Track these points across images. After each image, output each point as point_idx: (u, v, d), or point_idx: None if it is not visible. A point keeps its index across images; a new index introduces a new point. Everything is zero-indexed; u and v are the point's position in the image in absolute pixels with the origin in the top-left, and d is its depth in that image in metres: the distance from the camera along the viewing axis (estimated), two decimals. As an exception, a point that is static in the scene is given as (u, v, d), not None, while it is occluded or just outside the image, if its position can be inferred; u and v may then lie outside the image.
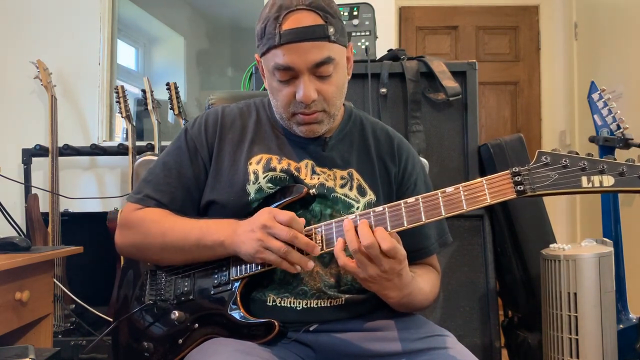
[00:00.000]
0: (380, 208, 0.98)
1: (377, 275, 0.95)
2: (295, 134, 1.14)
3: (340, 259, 0.95)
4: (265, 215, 1.00)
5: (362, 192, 1.13)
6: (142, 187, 1.16)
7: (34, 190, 2.77)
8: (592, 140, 2.06)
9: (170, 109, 2.88)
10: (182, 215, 1.12)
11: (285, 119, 1.12)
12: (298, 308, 1.06)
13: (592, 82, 2.07)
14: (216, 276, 1.08)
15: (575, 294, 1.71)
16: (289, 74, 1.05)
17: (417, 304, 1.09)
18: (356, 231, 0.94)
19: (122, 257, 2.54)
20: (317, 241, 1.00)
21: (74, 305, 2.59)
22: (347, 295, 1.09)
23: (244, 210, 1.09)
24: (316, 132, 1.11)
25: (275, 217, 0.99)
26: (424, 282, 1.10)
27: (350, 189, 1.12)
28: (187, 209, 1.14)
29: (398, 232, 0.96)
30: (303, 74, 1.04)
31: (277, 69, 1.05)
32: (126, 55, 3.64)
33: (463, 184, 0.93)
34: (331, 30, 1.03)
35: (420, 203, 0.94)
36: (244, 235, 1.01)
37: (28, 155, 2.94)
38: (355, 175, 1.14)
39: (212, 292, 1.07)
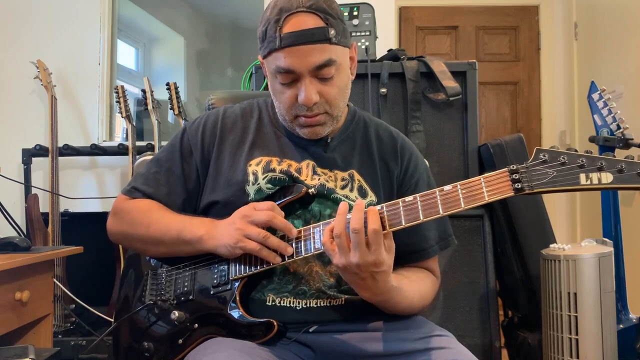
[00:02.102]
0: (378, 207, 0.97)
1: (349, 267, 0.93)
2: (298, 135, 1.14)
3: (325, 234, 0.95)
4: (244, 207, 1.03)
5: (363, 193, 1.13)
6: (134, 179, 1.20)
7: (34, 190, 2.77)
8: (592, 140, 2.06)
9: (170, 109, 2.88)
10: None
11: (288, 120, 1.12)
12: (298, 308, 1.06)
13: (592, 82, 2.07)
14: (216, 276, 1.08)
15: (575, 294, 1.71)
16: (291, 77, 1.05)
17: (399, 311, 1.08)
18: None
19: (122, 257, 2.55)
20: (316, 240, 1.00)
21: (74, 305, 2.59)
22: (347, 296, 1.09)
23: (243, 210, 1.09)
24: (319, 134, 1.11)
25: (255, 207, 1.02)
26: (412, 291, 1.08)
27: (351, 190, 1.12)
28: (171, 206, 1.16)
29: (396, 232, 0.96)
30: (304, 77, 1.04)
31: (278, 72, 1.05)
32: (126, 55, 3.64)
33: (461, 182, 0.92)
34: (332, 32, 1.03)
35: (419, 202, 0.94)
36: (224, 228, 1.03)
37: (28, 155, 2.95)
38: (357, 176, 1.14)
39: (211, 292, 1.07)
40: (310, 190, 1.08)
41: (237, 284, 1.05)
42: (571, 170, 0.86)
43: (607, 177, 0.85)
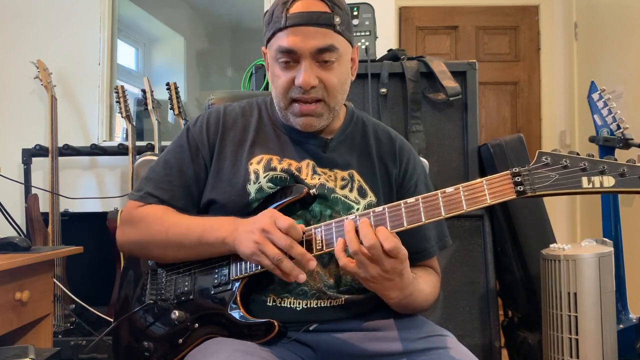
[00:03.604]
0: (380, 208, 0.97)
1: (378, 275, 0.95)
2: (292, 126, 1.13)
3: (341, 259, 0.94)
4: (266, 218, 0.99)
5: (362, 194, 1.13)
6: (143, 184, 1.16)
7: (34, 190, 2.77)
8: (592, 140, 2.06)
9: (170, 109, 2.88)
10: (184, 213, 1.12)
11: (282, 107, 1.11)
12: (298, 308, 1.06)
13: (592, 82, 2.07)
14: (216, 276, 1.08)
15: (575, 294, 1.71)
16: (291, 57, 1.06)
17: (417, 305, 1.09)
18: (357, 232, 0.94)
19: (122, 257, 2.56)
20: (317, 241, 1.00)
21: (74, 305, 2.59)
22: (346, 296, 1.09)
23: (244, 209, 1.09)
24: (314, 125, 1.10)
25: (276, 222, 0.98)
26: (424, 284, 1.10)
27: (351, 190, 1.12)
28: (187, 207, 1.14)
29: (397, 233, 0.96)
30: (305, 58, 1.05)
31: (279, 52, 1.06)
32: (126, 55, 3.64)
33: (463, 184, 0.93)
34: (337, 19, 1.05)
35: (420, 203, 0.94)
36: (244, 234, 1.00)
37: (28, 155, 2.94)
38: (356, 176, 1.14)
39: (212, 292, 1.07)
40: (311, 191, 1.07)
41: (237, 284, 1.05)
42: (573, 174, 0.87)
43: (609, 181, 0.85)
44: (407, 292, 1.02)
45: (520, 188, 0.88)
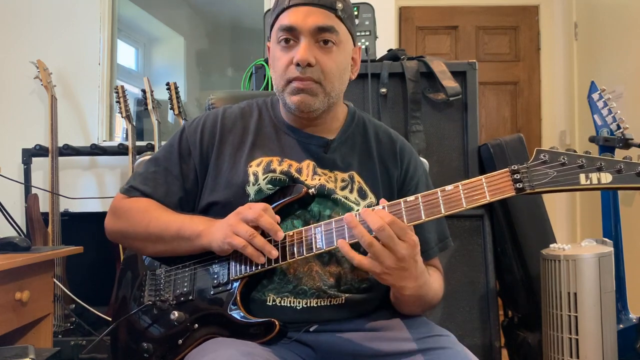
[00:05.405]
0: (379, 207, 0.97)
1: (393, 264, 0.93)
2: (289, 108, 1.12)
3: (355, 258, 0.94)
4: (241, 207, 1.03)
5: (362, 195, 1.13)
6: (132, 178, 1.21)
7: (34, 190, 2.77)
8: (592, 140, 2.06)
9: (170, 109, 2.88)
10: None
11: (280, 90, 1.11)
12: (298, 307, 1.06)
13: (592, 82, 2.07)
14: (216, 276, 1.08)
15: (575, 294, 1.71)
16: (292, 35, 1.07)
17: (429, 300, 1.08)
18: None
19: (122, 257, 2.55)
20: (317, 241, 1.00)
21: (74, 305, 2.59)
22: (347, 295, 1.09)
23: (244, 211, 1.09)
24: (308, 104, 1.08)
25: (250, 206, 1.02)
26: (431, 277, 1.09)
27: (351, 191, 1.13)
28: (167, 204, 1.15)
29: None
30: (304, 36, 1.06)
31: (280, 30, 1.08)
32: (126, 55, 3.64)
33: (462, 182, 0.93)
34: (339, 5, 1.07)
35: (420, 201, 0.94)
36: (220, 225, 1.03)
37: (28, 155, 2.95)
38: (357, 178, 1.14)
39: (211, 292, 1.07)
40: (310, 191, 1.08)
41: (237, 284, 1.05)
42: (571, 171, 0.87)
43: (606, 177, 0.86)
44: (421, 282, 1.01)
45: (519, 185, 0.89)
